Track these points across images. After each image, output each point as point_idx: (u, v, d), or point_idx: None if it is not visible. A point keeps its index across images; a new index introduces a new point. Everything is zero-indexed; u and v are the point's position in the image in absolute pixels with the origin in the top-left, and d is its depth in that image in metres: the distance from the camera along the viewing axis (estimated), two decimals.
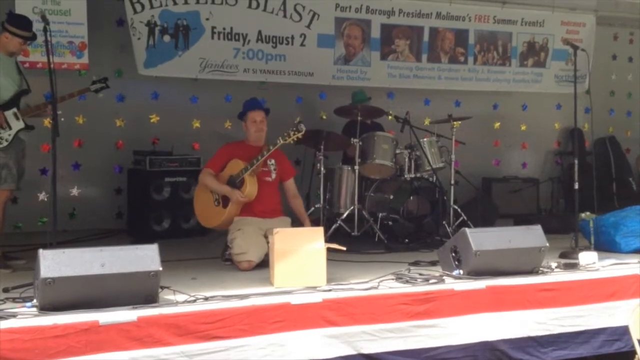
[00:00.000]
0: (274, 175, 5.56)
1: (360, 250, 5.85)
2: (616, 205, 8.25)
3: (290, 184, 5.73)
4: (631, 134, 10.06)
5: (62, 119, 4.81)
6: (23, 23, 5.27)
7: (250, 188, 5.31)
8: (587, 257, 5.14)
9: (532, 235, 4.83)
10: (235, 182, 5.38)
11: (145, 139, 7.41)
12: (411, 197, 6.56)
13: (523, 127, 9.44)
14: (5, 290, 4.15)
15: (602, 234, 5.86)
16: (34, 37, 5.32)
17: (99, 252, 3.75)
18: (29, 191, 6.61)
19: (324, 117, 8.21)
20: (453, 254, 4.75)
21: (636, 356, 3.95)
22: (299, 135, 5.21)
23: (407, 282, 4.53)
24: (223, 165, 5.54)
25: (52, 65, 4.52)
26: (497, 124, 9.30)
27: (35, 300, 3.73)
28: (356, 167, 6.46)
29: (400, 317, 4.18)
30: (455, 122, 6.98)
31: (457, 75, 8.60)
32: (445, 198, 6.70)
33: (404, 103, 8.06)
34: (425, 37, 8.35)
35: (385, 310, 4.16)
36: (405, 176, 6.65)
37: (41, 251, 3.66)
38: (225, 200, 5.39)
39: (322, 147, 6.46)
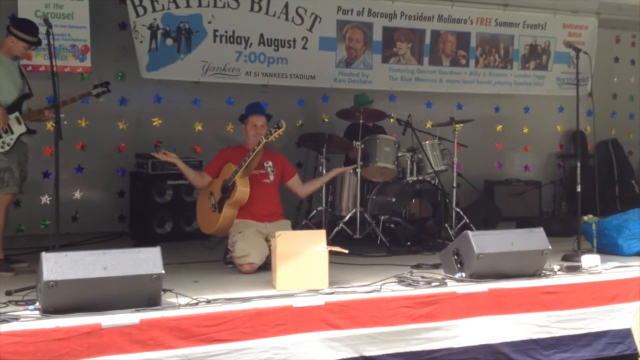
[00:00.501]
0: (272, 177, 5.55)
1: (362, 253, 5.84)
2: (619, 208, 8.27)
3: (294, 182, 5.73)
4: (633, 136, 10.06)
5: (65, 122, 4.84)
6: (29, 28, 5.27)
7: (242, 190, 5.29)
8: (589, 260, 5.14)
9: (534, 238, 4.84)
10: (228, 186, 5.38)
11: (148, 141, 7.42)
12: (413, 200, 6.56)
13: (525, 130, 9.44)
14: (8, 293, 4.16)
15: (605, 236, 5.86)
16: (39, 42, 5.32)
17: (101, 255, 3.76)
18: (32, 194, 6.62)
19: (326, 119, 8.22)
20: (455, 257, 4.76)
21: (638, 359, 3.94)
22: (280, 131, 5.18)
23: (409, 285, 4.53)
24: (219, 169, 5.55)
25: (54, 69, 4.53)
26: (499, 127, 9.30)
27: (37, 303, 3.74)
28: (358, 170, 6.46)
29: (402, 320, 4.19)
30: (457, 125, 6.98)
31: (459, 78, 8.59)
32: (447, 201, 6.71)
33: (406, 106, 8.07)
34: (427, 40, 8.35)
35: (388, 313, 4.16)
36: (407, 179, 6.65)
37: (44, 254, 3.67)
38: (221, 206, 5.40)
39: (324, 150, 6.47)
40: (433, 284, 4.53)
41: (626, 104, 10.07)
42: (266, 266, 5.03)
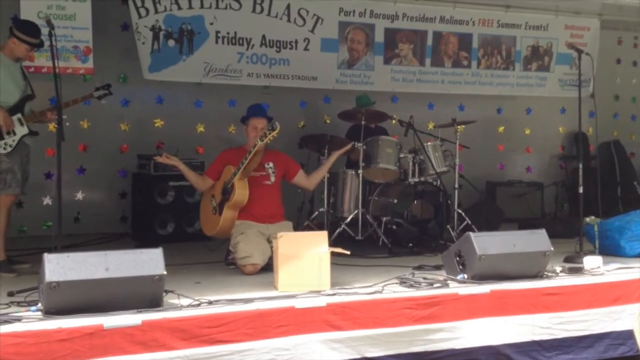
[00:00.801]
0: (273, 179, 5.56)
1: (364, 254, 5.85)
2: (621, 209, 8.24)
3: (300, 178, 5.75)
4: (636, 137, 10.06)
5: (67, 124, 4.84)
6: (32, 30, 5.28)
7: (240, 192, 5.29)
8: (591, 262, 5.14)
9: (536, 240, 4.84)
10: (227, 188, 5.39)
11: (150, 143, 7.42)
12: (415, 201, 6.56)
13: (527, 131, 9.44)
14: (10, 294, 4.17)
15: (607, 238, 5.86)
16: (41, 44, 5.32)
17: (103, 256, 3.76)
18: (34, 195, 6.63)
19: (328, 121, 8.22)
20: (457, 258, 4.76)
21: None
22: (274, 133, 5.19)
23: (411, 286, 4.53)
24: (220, 171, 5.55)
25: (57, 70, 4.53)
26: (501, 128, 9.30)
27: (40, 304, 3.74)
28: (360, 171, 6.46)
29: (404, 321, 4.19)
30: (459, 126, 6.99)
31: (461, 79, 8.59)
32: (449, 202, 6.70)
33: (408, 107, 8.08)
34: (429, 41, 8.35)
35: (389, 315, 4.16)
36: (409, 180, 6.64)
37: (46, 255, 3.68)
38: (221, 208, 5.40)
39: (325, 151, 6.46)
40: (435, 286, 4.53)
41: (628, 105, 10.06)
42: (268, 267, 5.03)
